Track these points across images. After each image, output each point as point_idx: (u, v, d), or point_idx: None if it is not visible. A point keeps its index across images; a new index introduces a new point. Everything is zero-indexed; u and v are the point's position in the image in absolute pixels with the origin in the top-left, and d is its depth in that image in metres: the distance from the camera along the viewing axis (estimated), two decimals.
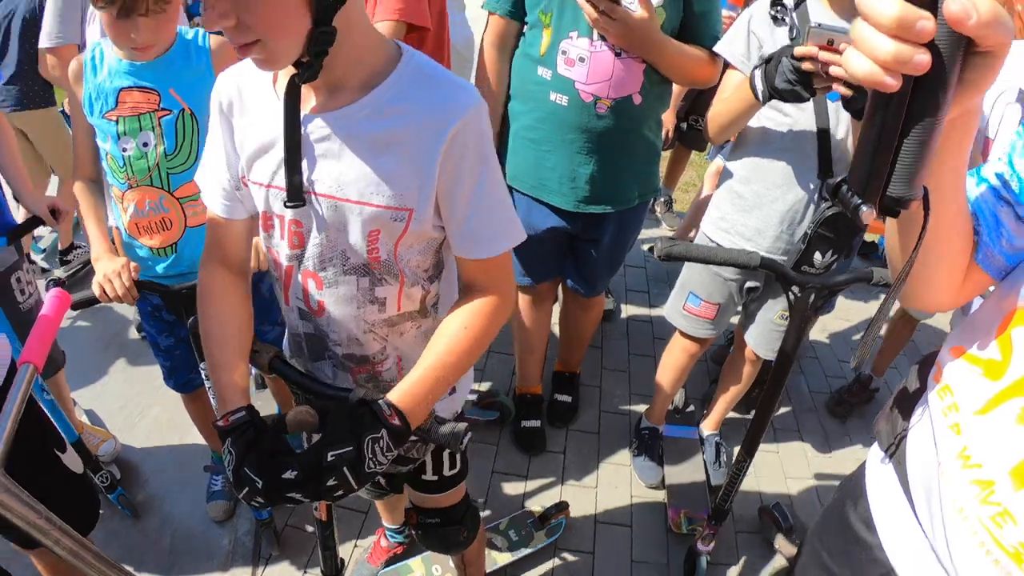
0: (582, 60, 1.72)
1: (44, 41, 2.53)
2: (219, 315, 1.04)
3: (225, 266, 1.07)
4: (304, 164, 0.90)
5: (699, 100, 3.48)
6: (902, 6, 0.47)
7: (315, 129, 0.89)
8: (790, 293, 1.53)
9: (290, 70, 0.85)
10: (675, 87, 2.29)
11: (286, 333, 1.18)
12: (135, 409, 2.60)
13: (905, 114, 0.53)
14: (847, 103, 1.53)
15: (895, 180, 0.56)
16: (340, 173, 0.90)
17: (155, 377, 2.19)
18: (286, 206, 0.93)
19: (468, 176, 0.90)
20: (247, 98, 0.96)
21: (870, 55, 0.49)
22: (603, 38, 1.69)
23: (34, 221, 1.89)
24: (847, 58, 0.52)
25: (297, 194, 0.91)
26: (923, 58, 0.48)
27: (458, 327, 0.96)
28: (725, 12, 3.69)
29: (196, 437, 2.26)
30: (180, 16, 1.70)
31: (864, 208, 0.57)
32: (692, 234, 4.00)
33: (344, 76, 0.88)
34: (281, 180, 0.92)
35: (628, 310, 3.36)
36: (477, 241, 0.95)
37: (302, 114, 0.89)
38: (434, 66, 0.91)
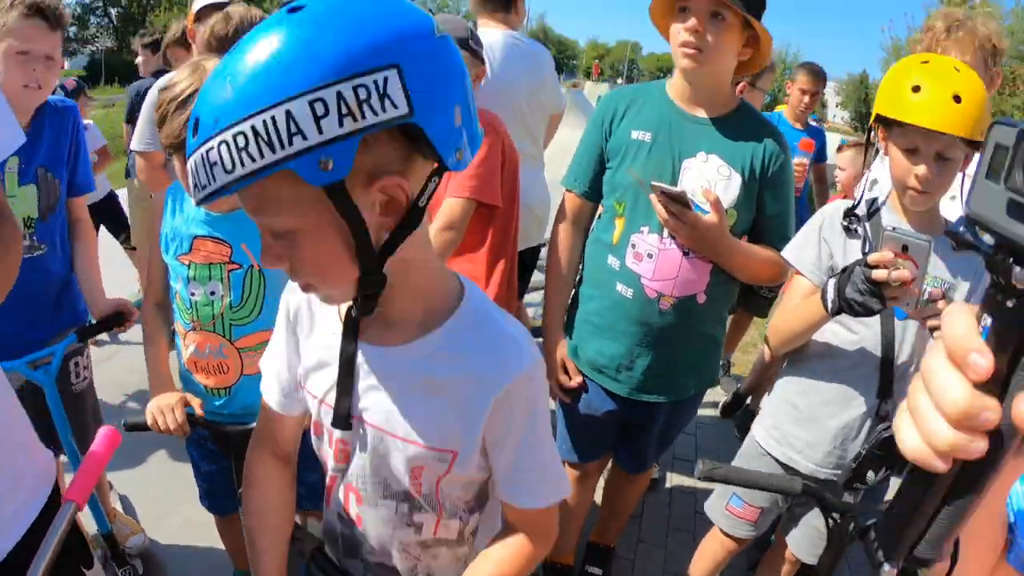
0: (650, 256, 1.77)
1: (135, 143, 2.70)
2: (261, 507, 1.08)
3: (274, 455, 1.11)
4: (357, 391, 0.93)
5: None
6: (970, 398, 0.43)
7: (370, 360, 0.92)
8: (830, 519, 1.47)
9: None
10: None
11: (323, 521, 1.18)
12: (169, 504, 2.63)
13: (947, 490, 0.53)
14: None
15: (924, 543, 0.55)
16: (389, 407, 0.92)
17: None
18: (332, 426, 0.96)
19: (516, 429, 0.91)
20: (315, 312, 1.00)
21: (924, 436, 0.46)
22: (673, 236, 1.75)
23: (105, 323, 2.01)
24: (899, 425, 0.50)
25: (344, 421, 0.94)
26: (980, 446, 0.44)
27: (491, 568, 0.97)
28: (796, 159, 3.78)
29: (223, 548, 2.26)
30: None
31: (886, 567, 0.56)
32: (749, 401, 3.92)
33: (402, 313, 0.90)
34: (332, 399, 0.95)
35: (673, 479, 3.25)
36: (521, 491, 0.95)
37: (360, 342, 0.92)
38: (493, 313, 0.94)
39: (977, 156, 1.52)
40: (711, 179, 1.74)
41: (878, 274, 1.40)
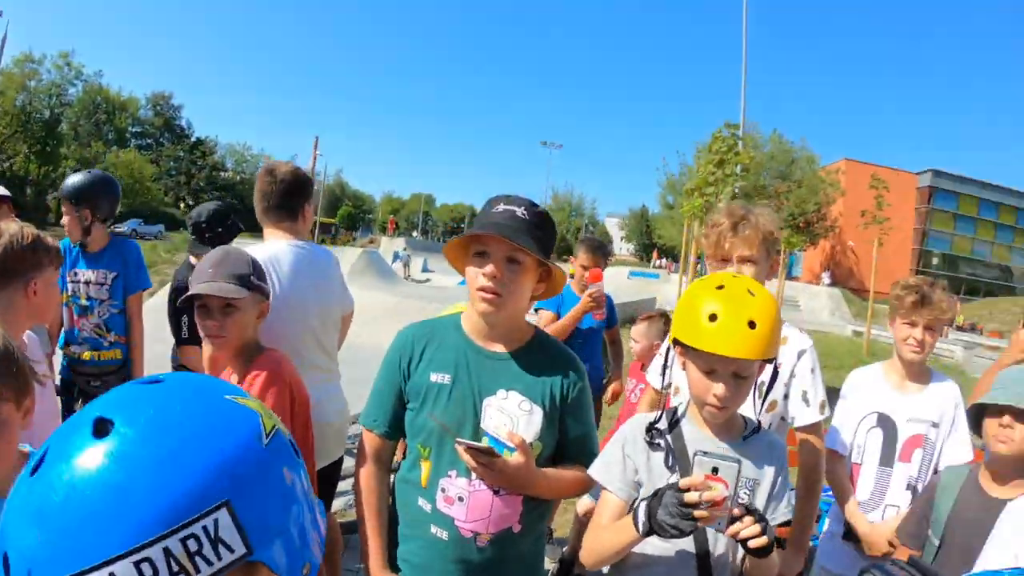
0: (461, 499, 1.71)
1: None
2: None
3: None
4: None
5: None
6: None
7: None
8: None
9: None
10: None
11: None
12: None
13: None
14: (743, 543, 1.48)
15: None
16: None
17: None
18: None
19: None
20: None
21: None
22: (481, 478, 1.70)
23: None
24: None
25: None
26: None
27: None
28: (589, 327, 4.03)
29: None
30: None
31: None
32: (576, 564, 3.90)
33: None
34: None
35: None
36: None
37: None
38: None
39: (769, 367, 1.68)
40: (513, 415, 1.74)
41: (690, 497, 1.42)
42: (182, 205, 58.90)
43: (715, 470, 1.43)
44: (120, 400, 0.66)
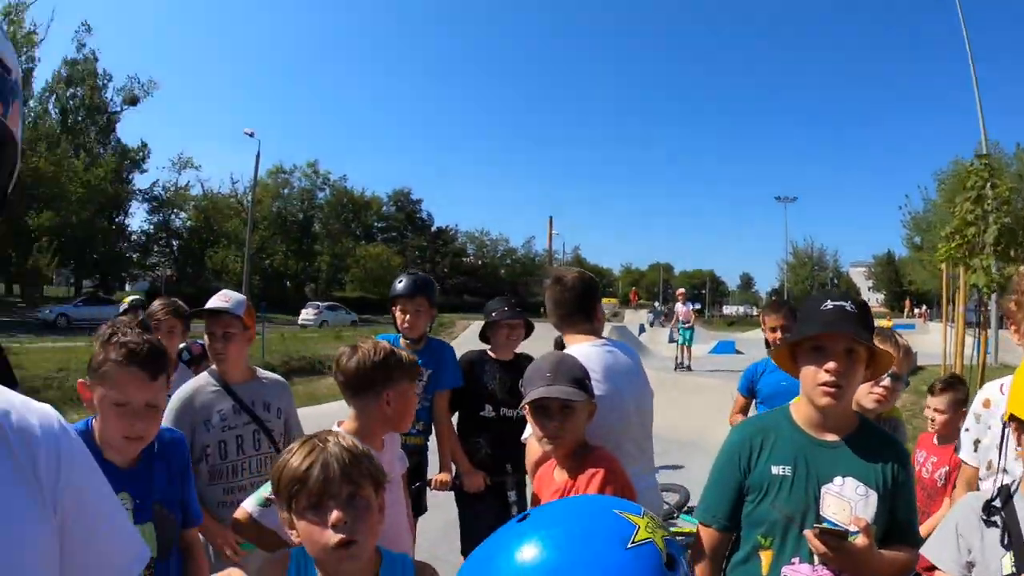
0: None
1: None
2: None
3: None
4: None
5: None
6: None
7: None
8: None
9: None
10: None
11: None
12: None
13: None
14: None
15: None
16: None
17: None
18: None
19: None
20: None
21: None
22: (824, 563, 1.80)
23: None
24: None
25: None
26: None
27: None
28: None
29: None
30: None
31: None
32: None
33: None
34: None
35: None
36: None
37: None
38: None
39: None
40: (851, 500, 1.84)
41: None
42: None
43: None
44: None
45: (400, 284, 3.66)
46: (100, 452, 1.87)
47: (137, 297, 4.71)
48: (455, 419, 3.80)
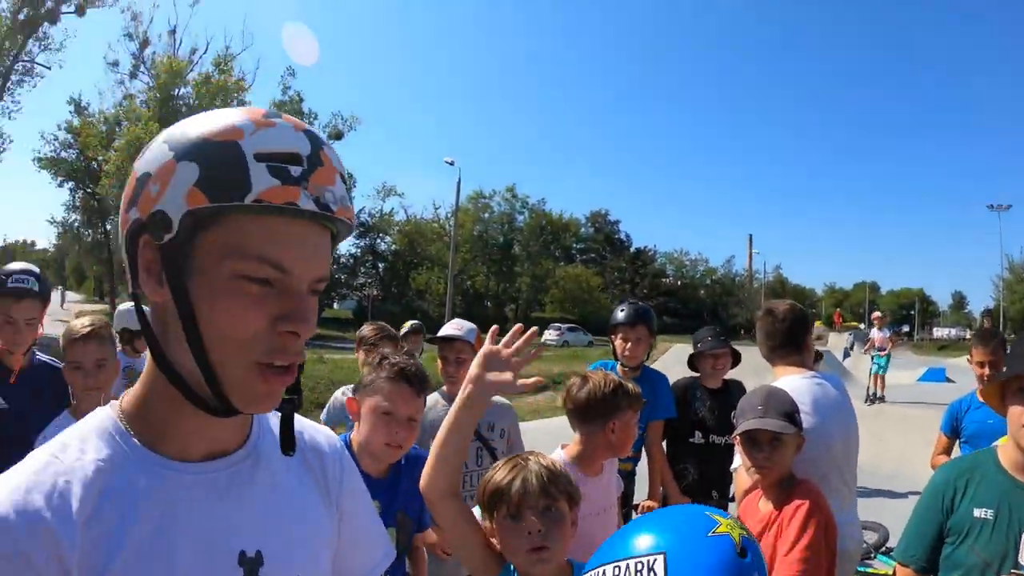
0: None
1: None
2: None
3: None
4: None
5: None
6: None
7: None
8: None
9: None
10: None
11: None
12: None
13: None
14: None
15: None
16: None
17: None
18: None
19: None
20: None
21: None
22: None
23: None
24: None
25: None
26: None
27: None
28: None
29: None
30: None
31: None
32: None
33: None
34: None
35: None
36: None
37: None
38: None
39: None
40: None
41: None
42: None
43: None
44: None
45: (621, 313, 3.75)
46: (357, 461, 2.24)
47: (416, 322, 5.27)
48: (664, 444, 3.88)
